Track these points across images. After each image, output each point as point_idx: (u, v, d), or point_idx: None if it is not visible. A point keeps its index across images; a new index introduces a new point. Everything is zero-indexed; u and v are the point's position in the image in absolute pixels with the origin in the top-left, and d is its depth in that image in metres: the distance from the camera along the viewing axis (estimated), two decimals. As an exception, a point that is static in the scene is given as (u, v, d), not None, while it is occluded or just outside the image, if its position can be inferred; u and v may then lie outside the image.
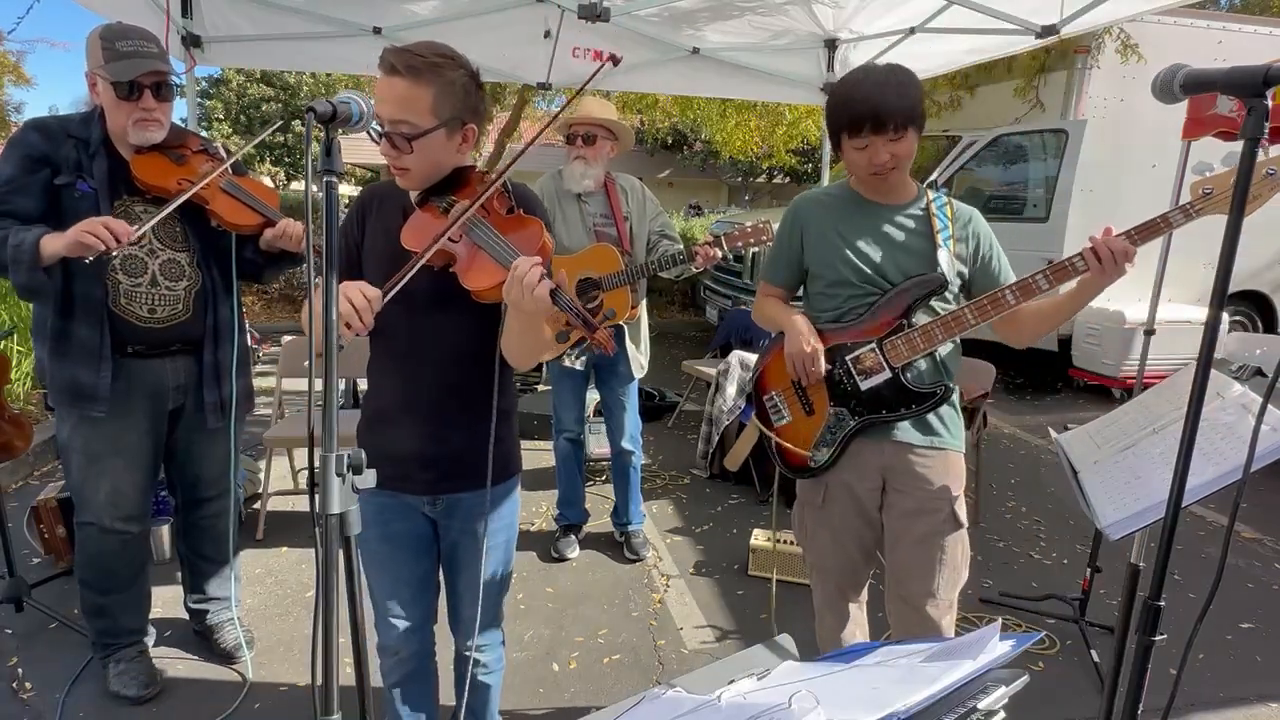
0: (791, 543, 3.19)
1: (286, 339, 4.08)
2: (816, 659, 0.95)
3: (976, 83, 7.35)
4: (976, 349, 4.08)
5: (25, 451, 2.96)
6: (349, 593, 1.10)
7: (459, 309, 1.51)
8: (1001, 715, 0.74)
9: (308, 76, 20.73)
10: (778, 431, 1.93)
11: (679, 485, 4.27)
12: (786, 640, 1.14)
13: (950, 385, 1.83)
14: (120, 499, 2.24)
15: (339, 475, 1.05)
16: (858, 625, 2.05)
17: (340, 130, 1.13)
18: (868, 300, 1.82)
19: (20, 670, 2.47)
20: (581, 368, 3.20)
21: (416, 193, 1.53)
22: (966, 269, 1.85)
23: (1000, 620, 1.47)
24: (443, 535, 1.70)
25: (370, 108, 1.18)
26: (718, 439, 4.31)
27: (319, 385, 1.09)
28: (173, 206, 2.04)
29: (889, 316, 1.80)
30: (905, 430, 1.82)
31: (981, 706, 0.74)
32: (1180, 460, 1.13)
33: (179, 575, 2.64)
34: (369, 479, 1.08)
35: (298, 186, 22.05)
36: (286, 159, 23.36)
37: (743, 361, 4.42)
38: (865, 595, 2.05)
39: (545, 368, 4.85)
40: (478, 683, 1.80)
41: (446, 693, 1.89)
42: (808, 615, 2.09)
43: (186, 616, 2.64)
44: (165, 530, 3.14)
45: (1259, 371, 4.43)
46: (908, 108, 1.68)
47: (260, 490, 3.61)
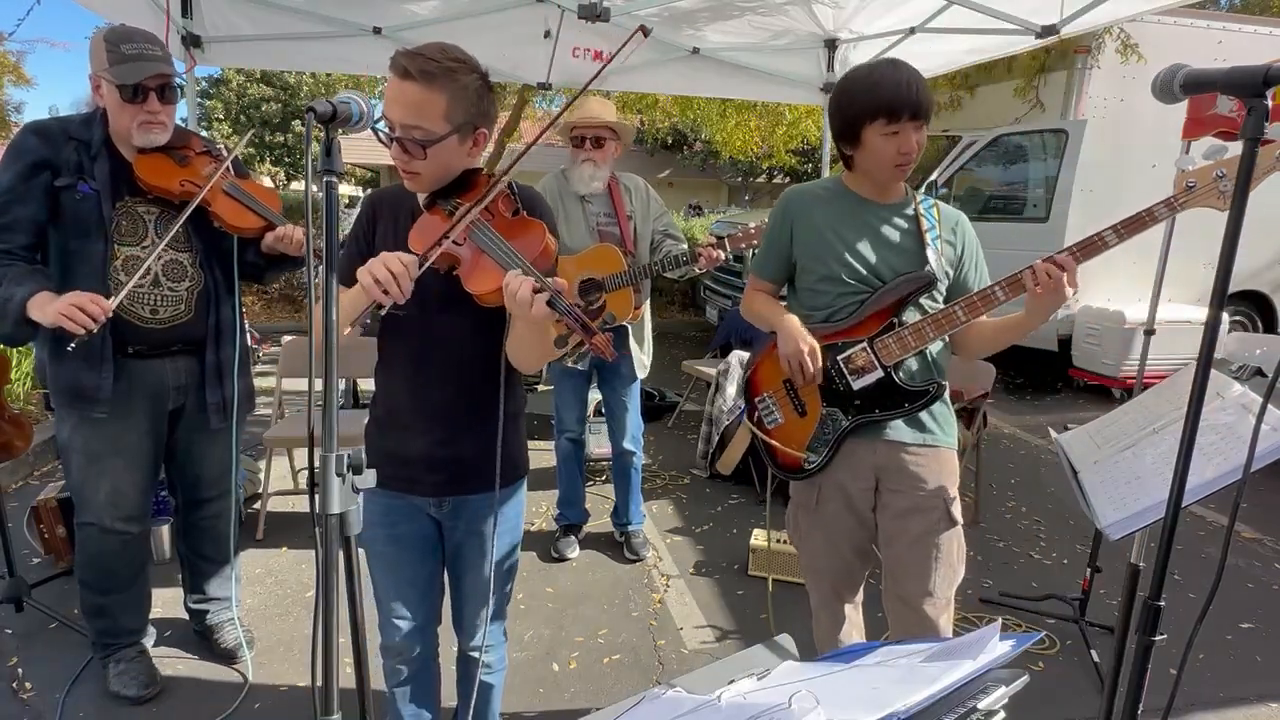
0: (789, 542, 3.18)
1: (286, 339, 4.08)
2: (816, 659, 0.95)
3: (976, 83, 7.36)
4: (976, 349, 4.08)
5: (25, 451, 2.96)
6: (349, 593, 1.10)
7: (467, 312, 1.51)
8: (1001, 715, 0.74)
9: (308, 76, 20.73)
10: (771, 433, 1.92)
11: (679, 485, 4.27)
12: (786, 640, 1.14)
13: (942, 383, 1.83)
14: (121, 499, 2.24)
15: (339, 475, 1.05)
16: (854, 626, 2.04)
17: (340, 130, 1.13)
18: (857, 298, 1.81)
19: (20, 670, 2.47)
20: (584, 368, 3.21)
21: (424, 195, 1.53)
22: (951, 271, 1.85)
23: (1000, 620, 1.47)
24: (448, 536, 1.70)
25: (370, 108, 1.18)
26: (718, 439, 4.31)
27: (319, 385, 1.09)
28: (188, 211, 2.07)
29: (879, 315, 1.80)
30: (898, 429, 1.82)
31: (981, 706, 0.74)
32: (1180, 460, 1.13)
33: (179, 575, 2.64)
34: (369, 479, 1.08)
35: (298, 186, 22.05)
36: (286, 159, 23.36)
37: (743, 361, 4.42)
38: (861, 596, 2.05)
39: (547, 368, 4.86)
40: (481, 683, 1.80)
41: (447, 692, 1.90)
42: (808, 615, 2.09)
43: (186, 616, 2.64)
44: (165, 530, 3.14)
45: (1259, 371, 4.43)
46: (931, 101, 1.73)
47: (260, 490, 3.61)
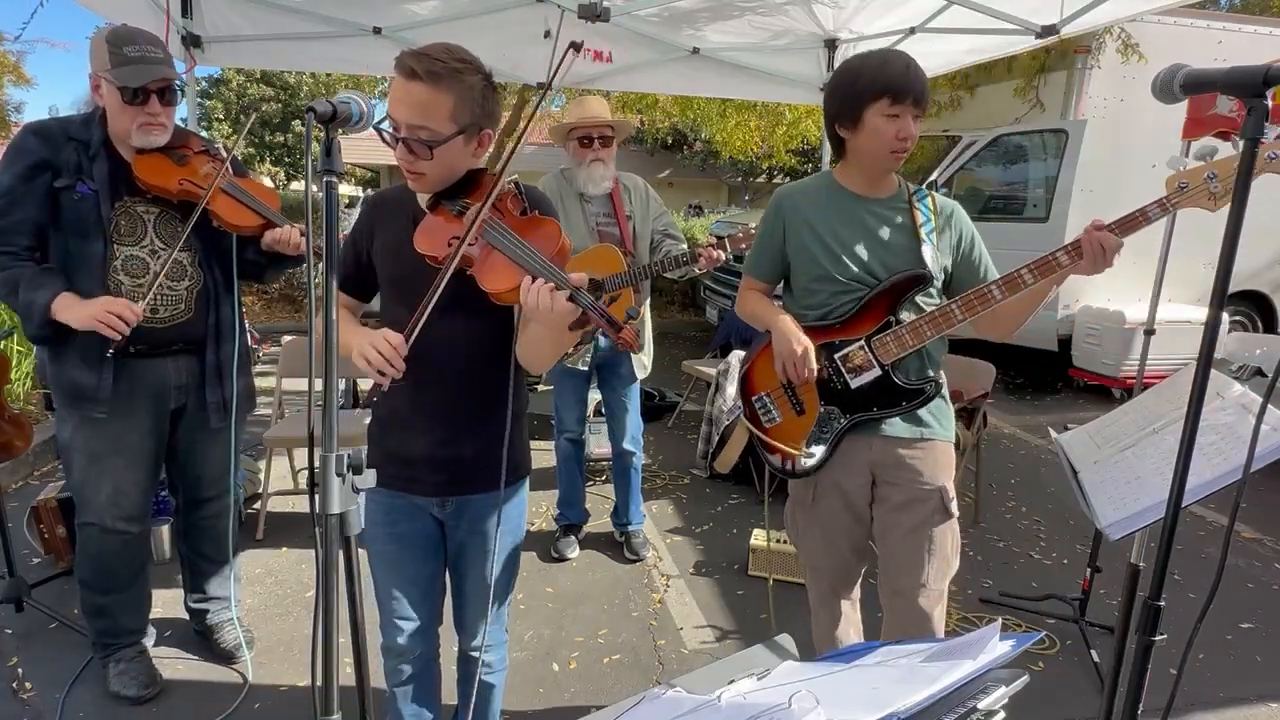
0: (789, 542, 3.18)
1: (286, 339, 4.08)
2: (816, 659, 0.95)
3: (976, 83, 7.35)
4: (976, 349, 4.08)
5: (25, 451, 2.96)
6: (349, 593, 1.10)
7: (472, 312, 1.51)
8: (1001, 715, 0.74)
9: (308, 76, 20.74)
10: (769, 432, 1.92)
11: (679, 485, 4.27)
12: (786, 640, 1.14)
13: (939, 380, 1.83)
14: (122, 499, 2.24)
15: (339, 475, 1.05)
16: (851, 624, 2.05)
17: (340, 130, 1.13)
18: (853, 296, 1.81)
19: (20, 670, 2.47)
20: (584, 368, 3.20)
21: (427, 196, 1.52)
22: (949, 262, 1.85)
23: (1000, 620, 1.47)
24: (450, 536, 1.70)
25: (371, 108, 1.18)
26: (718, 439, 4.31)
27: (319, 385, 1.09)
28: (194, 217, 2.09)
29: (876, 313, 1.80)
30: (894, 425, 1.82)
31: (981, 706, 0.74)
32: (1180, 460, 1.13)
33: (179, 575, 2.64)
34: (369, 479, 1.08)
35: (298, 186, 22.05)
36: (286, 159, 23.37)
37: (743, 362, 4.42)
38: (859, 594, 2.06)
39: (545, 368, 4.84)
40: (481, 682, 1.80)
41: (447, 692, 1.90)
42: (808, 615, 2.10)
43: (186, 616, 2.64)
44: (165, 530, 3.14)
45: (1259, 371, 4.43)
46: (929, 95, 1.74)
47: (260, 490, 3.61)
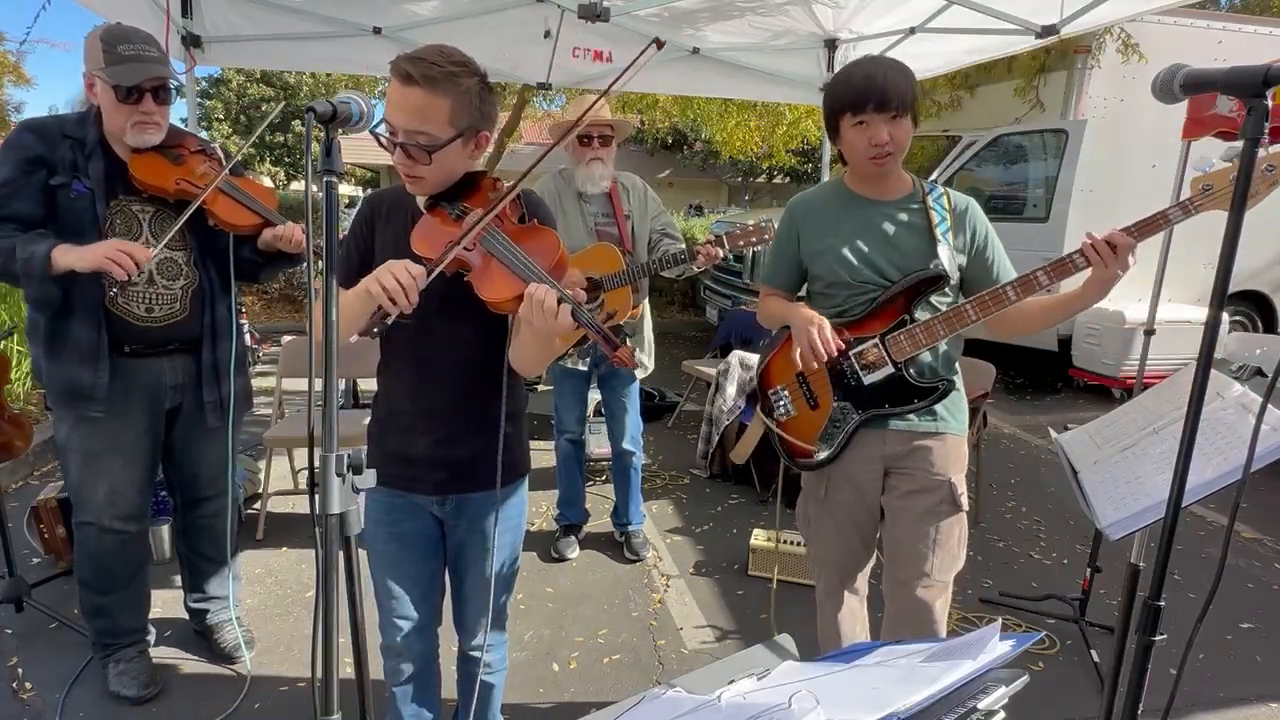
0: (791, 542, 3.19)
1: (286, 339, 4.08)
2: (816, 659, 0.95)
3: (976, 83, 7.35)
4: (976, 349, 4.07)
5: (25, 451, 2.96)
6: (349, 593, 1.10)
7: (470, 314, 1.51)
8: (1001, 715, 0.74)
9: (308, 76, 20.75)
10: (783, 425, 1.95)
11: (679, 485, 4.27)
12: (786, 640, 1.15)
13: (952, 379, 1.85)
14: (119, 498, 2.24)
15: (339, 475, 1.06)
16: (858, 620, 2.05)
17: (340, 130, 1.13)
18: (868, 297, 1.84)
19: (20, 670, 2.47)
20: (584, 368, 3.20)
21: (424, 197, 1.52)
22: (964, 260, 1.86)
23: (1000, 620, 1.47)
24: (449, 535, 1.70)
25: (371, 108, 1.18)
26: (718, 439, 4.31)
27: (319, 385, 1.09)
28: (189, 211, 2.06)
29: (891, 311, 1.82)
30: (909, 418, 1.85)
31: (981, 706, 0.74)
32: (1180, 460, 1.13)
33: (179, 575, 2.64)
34: (369, 479, 1.08)
35: (298, 186, 22.05)
36: (286, 159, 23.39)
37: (743, 361, 4.42)
38: (866, 589, 2.07)
39: (547, 368, 4.85)
40: (481, 682, 1.80)
41: (447, 692, 1.90)
42: (808, 615, 2.09)
43: (186, 616, 2.64)
44: (165, 530, 3.14)
45: (1259, 371, 4.43)
46: (907, 89, 1.72)
47: (260, 490, 3.61)
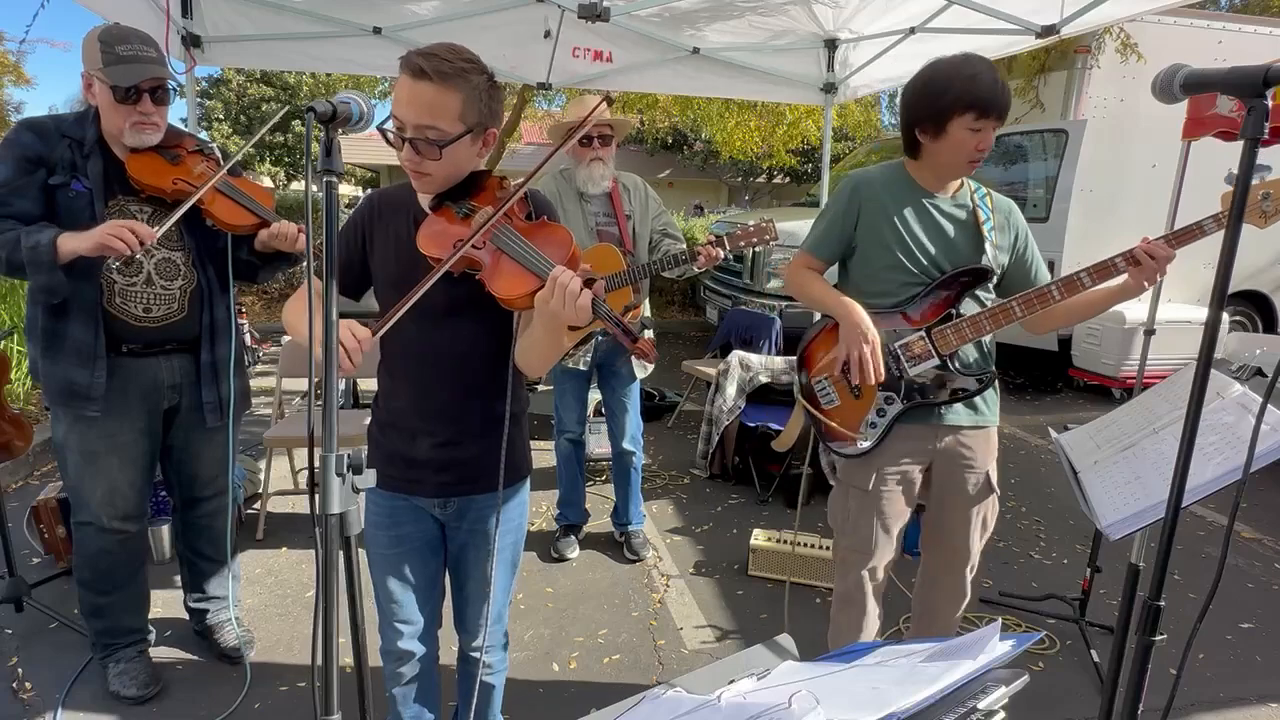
0: (791, 542, 3.19)
1: (286, 339, 4.08)
2: (816, 659, 0.95)
3: (977, 83, 7.34)
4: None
5: (25, 451, 2.96)
6: (349, 593, 1.10)
7: (473, 316, 1.51)
8: (1001, 715, 0.74)
9: (308, 76, 20.74)
10: (826, 414, 1.97)
11: (679, 485, 4.27)
12: (786, 640, 1.14)
13: (993, 371, 1.91)
14: (117, 498, 2.24)
15: (339, 475, 1.05)
16: (876, 620, 2.08)
17: (340, 130, 1.13)
18: (917, 287, 1.88)
19: (20, 670, 2.47)
20: (584, 368, 3.20)
21: (429, 197, 1.51)
22: (1006, 260, 1.93)
23: (1000, 620, 1.47)
24: (450, 537, 1.70)
25: (371, 108, 1.18)
26: (718, 439, 4.31)
27: (319, 385, 1.09)
28: (186, 207, 2.05)
29: (938, 305, 1.86)
30: (955, 413, 1.91)
31: (981, 706, 0.74)
32: (1180, 460, 1.13)
33: (179, 575, 2.64)
34: (369, 479, 1.08)
35: (298, 186, 22.05)
36: (286, 159, 23.38)
37: (743, 361, 4.42)
38: (885, 586, 2.10)
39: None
40: (482, 683, 1.80)
41: (447, 693, 1.90)
42: (808, 615, 2.10)
43: (186, 616, 2.64)
44: (165, 530, 3.14)
45: (1259, 371, 4.43)
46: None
47: (260, 490, 3.61)
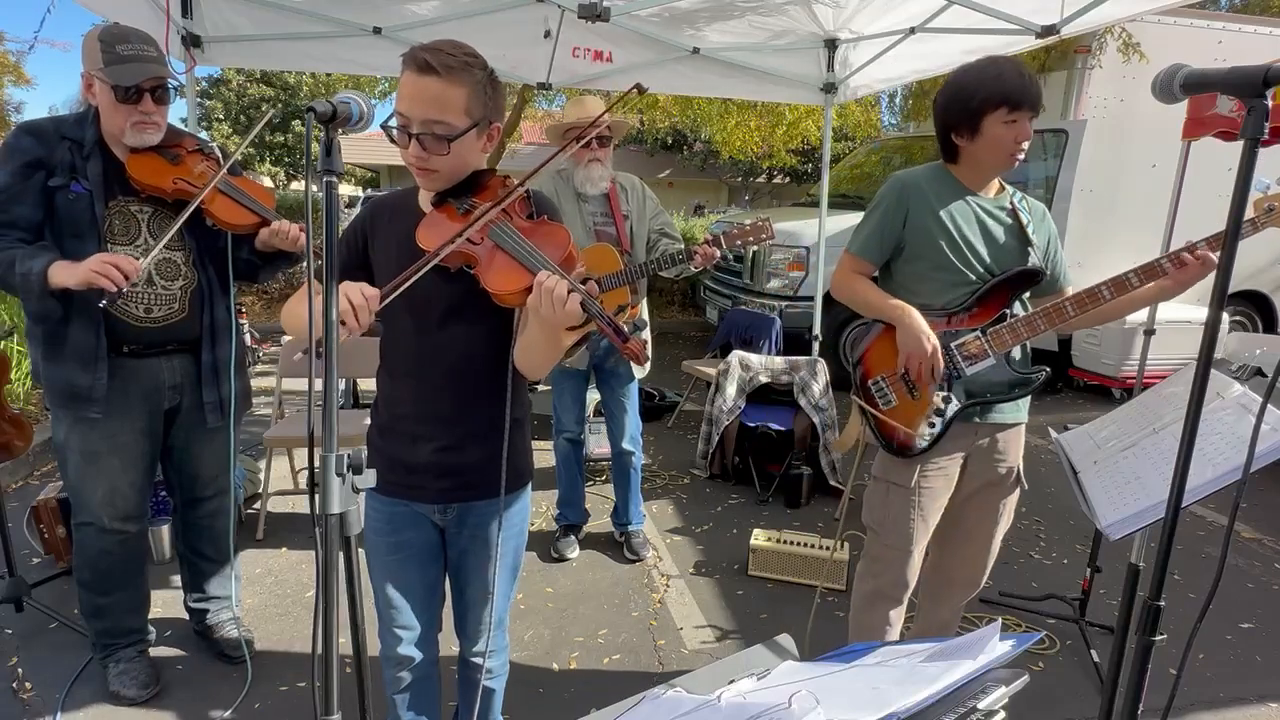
0: (791, 542, 3.19)
1: (286, 339, 4.08)
2: (816, 659, 0.95)
3: (977, 83, 7.34)
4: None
5: (25, 451, 2.96)
6: (349, 593, 1.10)
7: (472, 319, 1.50)
8: (1001, 715, 0.74)
9: (308, 76, 20.73)
10: (886, 414, 2.00)
11: (679, 485, 4.27)
12: (786, 640, 1.14)
13: (1046, 369, 1.96)
14: (117, 499, 2.24)
15: (339, 475, 1.05)
16: (900, 620, 2.11)
17: (340, 130, 1.13)
18: (967, 289, 1.91)
19: (20, 670, 2.47)
20: (583, 368, 3.20)
21: (432, 195, 1.51)
22: (1041, 261, 1.97)
23: (1000, 620, 1.47)
24: (451, 542, 1.69)
25: (371, 108, 1.18)
26: (718, 439, 4.31)
27: (319, 385, 1.09)
28: (188, 211, 2.06)
29: (993, 305, 1.90)
30: (1000, 411, 1.95)
31: (981, 706, 0.74)
32: (1180, 460, 1.13)
33: (179, 575, 2.64)
34: (369, 479, 1.08)
35: (298, 186, 22.05)
36: (286, 159, 23.38)
37: (743, 361, 4.42)
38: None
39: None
40: (483, 688, 1.80)
41: (447, 695, 1.90)
42: (807, 615, 2.09)
43: (186, 616, 2.64)
44: (165, 530, 3.14)
45: (1259, 371, 4.43)
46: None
47: (260, 490, 3.61)
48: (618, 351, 3.14)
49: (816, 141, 10.17)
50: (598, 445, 4.13)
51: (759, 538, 3.25)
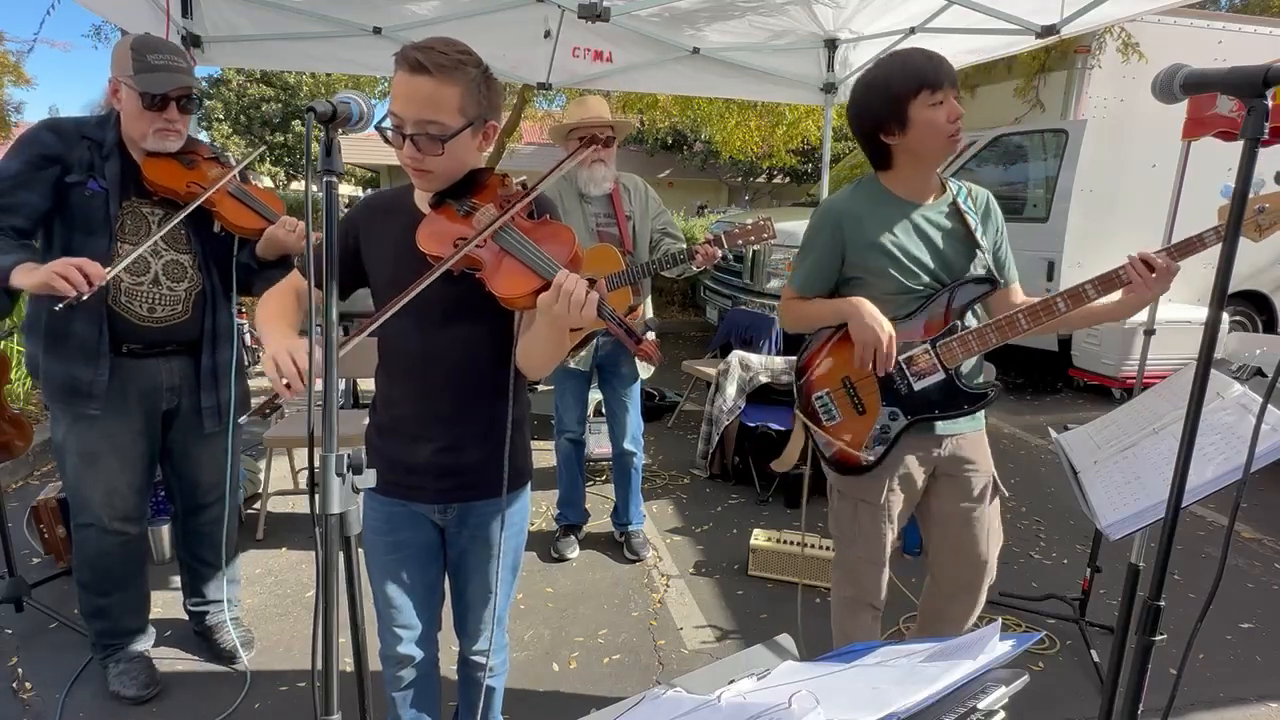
0: (791, 542, 3.19)
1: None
2: (816, 659, 0.95)
3: (976, 83, 7.35)
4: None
5: (25, 451, 2.96)
6: (349, 593, 1.10)
7: (473, 319, 1.50)
8: (1001, 715, 0.74)
9: (308, 76, 20.72)
10: (829, 431, 1.91)
11: (679, 485, 4.27)
12: (786, 640, 1.14)
13: (998, 384, 1.89)
14: (116, 499, 2.24)
15: (339, 475, 1.05)
16: (875, 631, 2.08)
17: (340, 130, 1.13)
18: (917, 301, 1.84)
19: (20, 670, 2.47)
20: (585, 368, 3.20)
21: (428, 197, 1.50)
22: (990, 256, 1.90)
23: (1000, 620, 1.47)
24: (450, 542, 1.68)
25: (371, 108, 1.17)
26: (718, 439, 4.31)
27: (319, 385, 1.09)
28: (192, 207, 2.07)
29: (941, 317, 1.82)
30: (955, 423, 1.88)
31: (981, 706, 0.74)
32: (1180, 460, 1.13)
33: (179, 576, 2.64)
34: (369, 479, 1.08)
35: (298, 186, 22.04)
36: (286, 159, 23.37)
37: (743, 361, 4.42)
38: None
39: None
40: (485, 686, 1.80)
41: (447, 694, 1.90)
42: (807, 615, 2.09)
43: (186, 617, 2.64)
44: (165, 531, 3.14)
45: (1259, 371, 4.43)
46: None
47: (260, 490, 3.61)
48: (620, 352, 3.14)
49: (816, 141, 10.16)
50: (598, 445, 4.13)
51: (759, 538, 3.25)
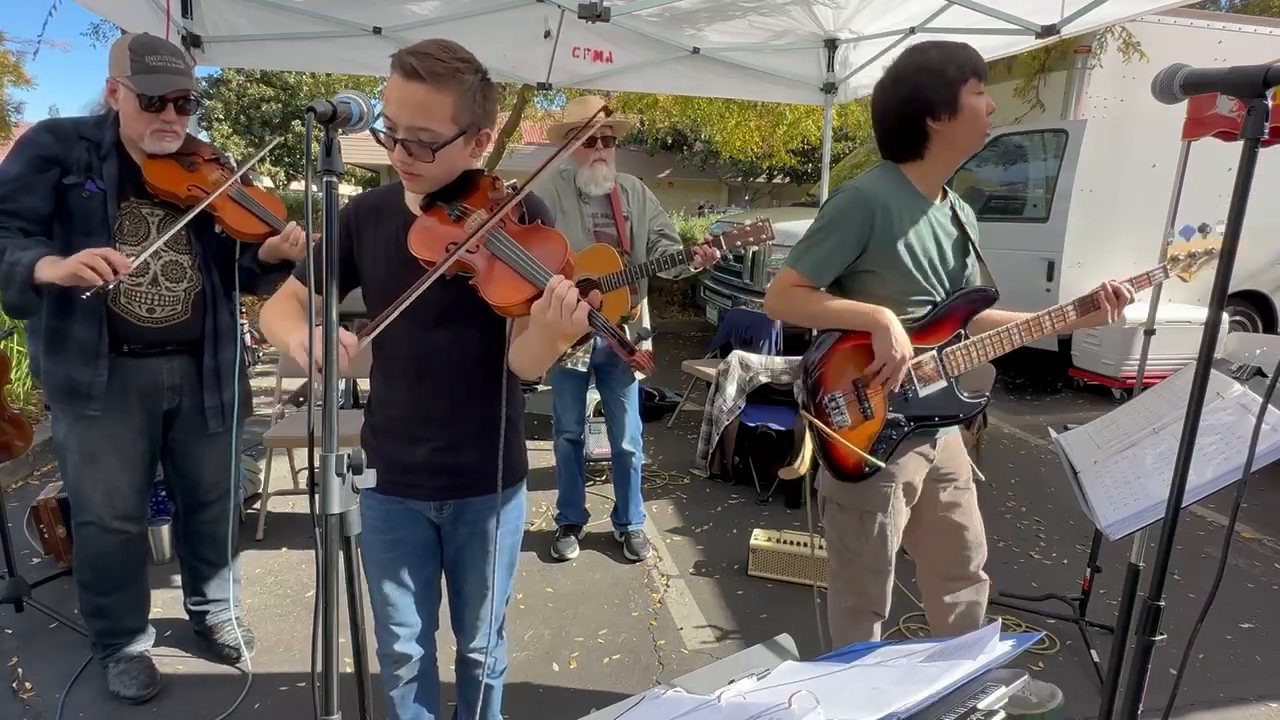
0: (791, 542, 3.19)
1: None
2: (816, 659, 0.95)
3: (976, 83, 7.35)
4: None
5: (25, 451, 2.96)
6: (349, 593, 1.10)
7: (466, 322, 1.50)
8: (1001, 715, 0.74)
9: (308, 76, 20.71)
10: (838, 433, 1.85)
11: (679, 485, 4.27)
12: (786, 640, 1.14)
13: (989, 394, 1.93)
14: (116, 498, 2.24)
15: (339, 475, 1.05)
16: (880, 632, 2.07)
17: (340, 130, 1.13)
18: (926, 306, 1.83)
19: (20, 670, 2.47)
20: (583, 368, 3.20)
21: (420, 197, 1.49)
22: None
23: (1000, 620, 1.47)
24: (447, 540, 1.69)
25: (371, 108, 1.17)
26: (718, 439, 4.31)
27: (319, 385, 1.09)
28: (194, 213, 2.06)
29: (949, 324, 1.83)
30: (945, 430, 1.90)
31: (981, 706, 0.74)
32: (1180, 460, 1.13)
33: (179, 575, 2.64)
34: (369, 479, 1.08)
35: (298, 186, 22.04)
36: (286, 159, 23.37)
37: (743, 361, 4.42)
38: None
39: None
40: (483, 684, 1.80)
41: (446, 694, 1.90)
42: (807, 615, 2.09)
43: (186, 617, 2.64)
44: (165, 530, 3.14)
45: (1259, 371, 4.43)
46: None
47: (260, 490, 3.61)
48: (634, 371, 3.12)
49: (816, 141, 10.17)
50: (598, 445, 4.13)
51: (759, 538, 3.25)
